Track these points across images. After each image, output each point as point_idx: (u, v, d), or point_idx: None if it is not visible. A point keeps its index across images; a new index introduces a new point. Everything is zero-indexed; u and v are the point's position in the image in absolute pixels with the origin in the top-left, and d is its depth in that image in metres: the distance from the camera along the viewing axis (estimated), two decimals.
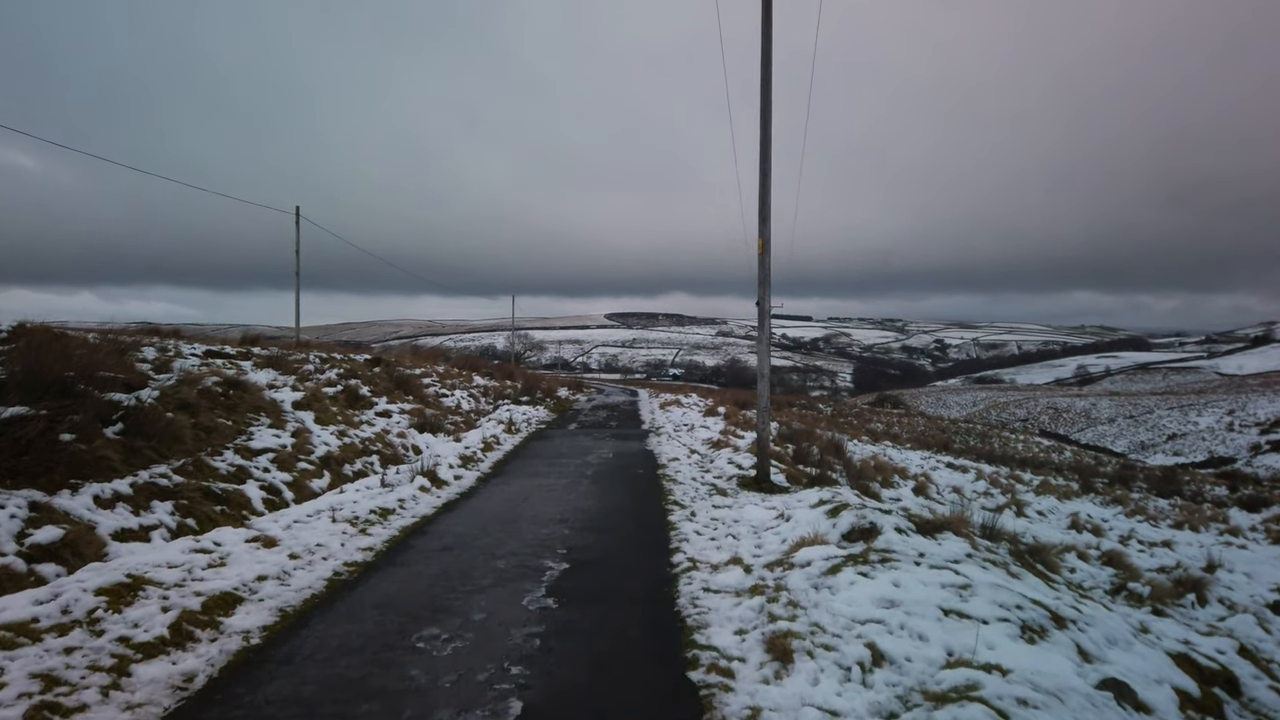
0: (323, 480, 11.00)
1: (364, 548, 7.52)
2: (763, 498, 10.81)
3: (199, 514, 8.13)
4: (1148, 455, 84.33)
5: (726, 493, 11.17)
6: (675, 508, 9.77)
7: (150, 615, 5.04)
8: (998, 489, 22.19)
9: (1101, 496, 27.57)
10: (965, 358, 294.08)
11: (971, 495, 19.67)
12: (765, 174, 11.76)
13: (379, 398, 17.98)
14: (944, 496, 18.08)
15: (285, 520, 8.23)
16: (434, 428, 16.96)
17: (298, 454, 11.32)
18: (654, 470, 13.02)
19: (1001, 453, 50.40)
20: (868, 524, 7.49)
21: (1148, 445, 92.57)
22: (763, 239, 11.79)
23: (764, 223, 11.77)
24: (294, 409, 13.41)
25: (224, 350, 18.13)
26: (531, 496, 10.52)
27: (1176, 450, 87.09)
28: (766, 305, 11.86)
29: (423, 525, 8.72)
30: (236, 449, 10.47)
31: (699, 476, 12.43)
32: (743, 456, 13.97)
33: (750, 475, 12.52)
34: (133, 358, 12.35)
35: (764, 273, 11.83)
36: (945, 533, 7.82)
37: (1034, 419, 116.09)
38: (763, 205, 11.78)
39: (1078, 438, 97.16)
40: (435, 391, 23.21)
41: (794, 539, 7.52)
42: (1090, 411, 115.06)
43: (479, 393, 26.77)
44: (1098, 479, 37.34)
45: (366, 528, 8.30)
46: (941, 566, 6.20)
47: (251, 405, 12.47)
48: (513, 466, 13.32)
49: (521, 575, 6.66)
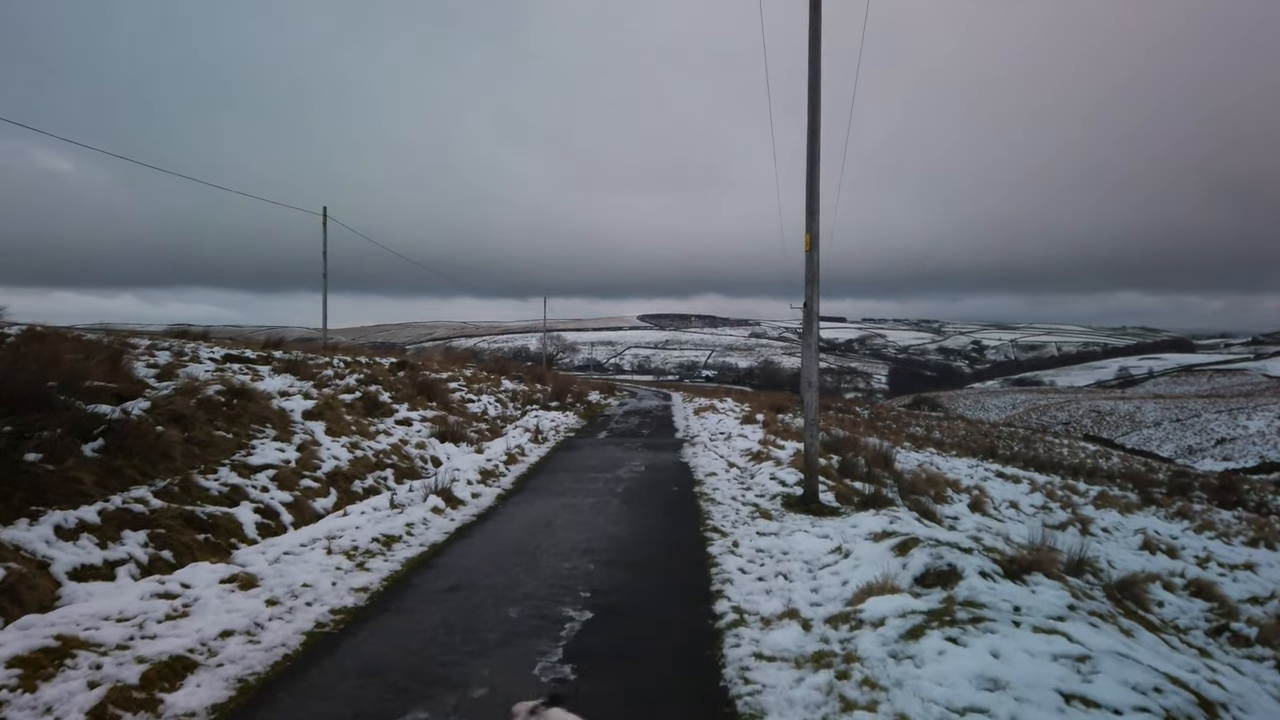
0: (328, 499, 10.06)
1: (358, 588, 6.52)
2: (812, 522, 9.68)
3: (177, 544, 7.19)
4: (1196, 460, 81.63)
5: (771, 515, 10.05)
6: (715, 535, 8.67)
7: (70, 694, 4.07)
8: (1055, 502, 20.76)
9: (1163, 509, 25.96)
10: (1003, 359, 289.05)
11: (1029, 510, 18.33)
12: (813, 163, 10.62)
13: (400, 404, 17.10)
14: (1001, 513, 16.78)
15: (274, 552, 7.27)
16: (456, 437, 16.03)
17: (302, 470, 10.39)
18: (690, 487, 11.93)
19: (1047, 458, 48.53)
20: (945, 566, 6.34)
21: (1195, 450, 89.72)
22: (810, 234, 10.66)
23: (812, 216, 10.64)
24: (304, 419, 12.52)
25: (244, 354, 17.40)
26: (555, 520, 9.49)
27: (1226, 455, 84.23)
28: (815, 307, 10.72)
29: (430, 557, 7.71)
30: (233, 465, 9.56)
31: (739, 495, 11.32)
32: (786, 471, 12.83)
33: (796, 494, 11.39)
34: (129, 365, 11.52)
35: (812, 271, 10.69)
36: (1034, 574, 6.66)
37: (1076, 422, 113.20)
38: (810, 198, 10.65)
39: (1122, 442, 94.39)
40: (461, 397, 22.33)
41: (858, 583, 6.40)
42: (1135, 415, 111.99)
43: (507, 398, 25.86)
44: (1154, 488, 35.55)
45: (365, 561, 7.31)
46: (1047, 629, 5.04)
47: (257, 415, 11.59)
48: (537, 482, 12.31)
49: (536, 630, 5.61)
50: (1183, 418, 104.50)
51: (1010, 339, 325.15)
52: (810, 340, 10.81)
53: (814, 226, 10.64)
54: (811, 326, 10.76)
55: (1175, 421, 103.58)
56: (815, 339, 10.80)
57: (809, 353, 10.84)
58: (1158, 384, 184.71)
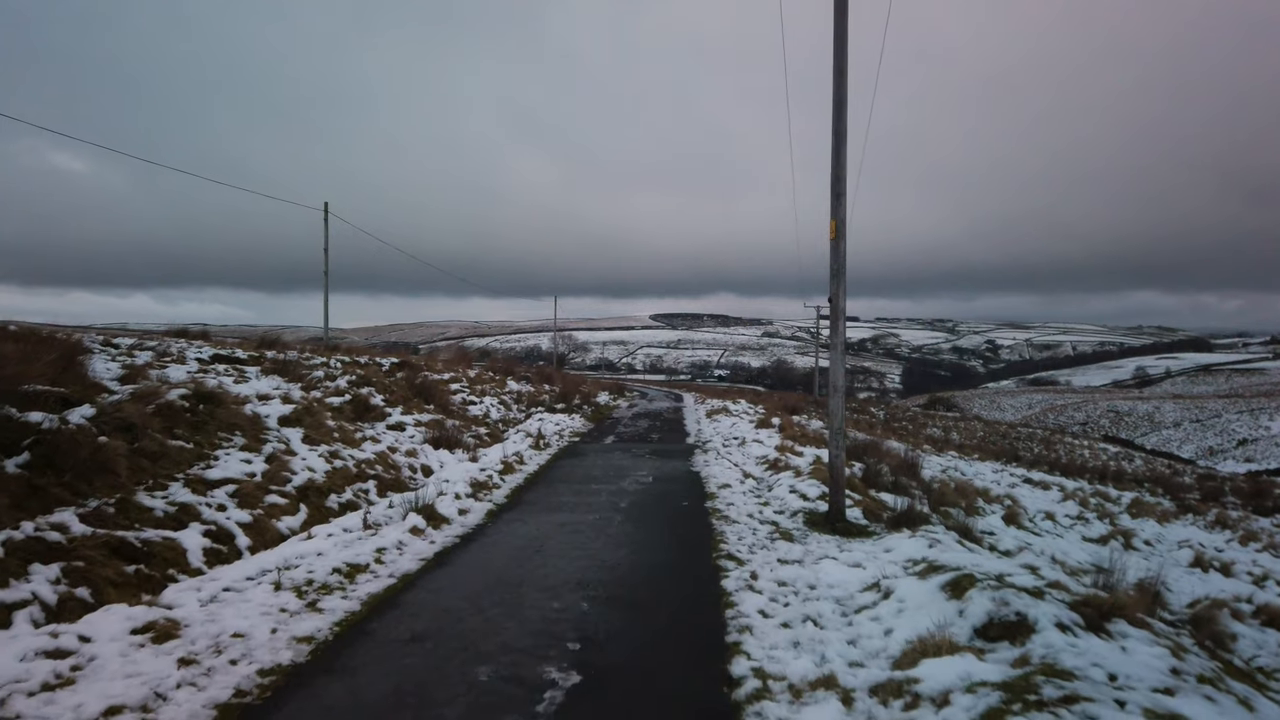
0: (295, 518, 8.97)
1: (302, 637, 5.42)
2: (840, 545, 8.53)
3: (99, 580, 6.11)
4: (1217, 462, 79.90)
5: (793, 537, 8.91)
6: (730, 563, 7.53)
7: None
8: (1090, 511, 19.53)
9: (1199, 517, 24.64)
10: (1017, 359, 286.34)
11: (1065, 522, 17.12)
12: (839, 140, 9.46)
13: (393, 408, 16.05)
14: (1037, 525, 15.57)
15: (212, 588, 6.18)
16: (451, 443, 14.95)
17: (269, 484, 9.32)
18: (701, 501, 10.80)
19: (1069, 461, 47.14)
20: (1013, 615, 5.18)
21: (1216, 451, 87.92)
22: (835, 221, 9.50)
23: (837, 200, 9.48)
24: (280, 425, 11.46)
25: (234, 355, 16.42)
26: (548, 543, 8.37)
27: (1248, 456, 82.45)
28: (841, 302, 9.55)
29: (398, 592, 6.60)
30: (188, 480, 8.49)
31: (756, 512, 10.18)
32: (806, 483, 11.68)
33: (820, 510, 10.24)
34: (85, 366, 10.48)
35: (837, 263, 9.53)
36: (1116, 620, 5.50)
37: (1094, 423, 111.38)
38: (836, 180, 9.49)
39: (1142, 443, 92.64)
40: (462, 399, 21.27)
41: (906, 634, 5.26)
42: (1154, 415, 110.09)
43: (511, 399, 24.79)
44: (1185, 494, 34.17)
45: (319, 599, 6.21)
46: (1163, 713, 3.90)
47: (225, 422, 10.53)
48: (533, 495, 11.20)
49: (507, 702, 4.48)
50: (1203, 418, 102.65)
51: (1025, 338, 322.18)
52: (836, 340, 9.64)
53: (840, 212, 9.49)
54: (838, 324, 9.59)
55: (1195, 422, 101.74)
56: (842, 339, 9.63)
57: (835, 354, 9.67)
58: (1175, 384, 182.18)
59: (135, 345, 15.31)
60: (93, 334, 16.88)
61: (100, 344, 14.32)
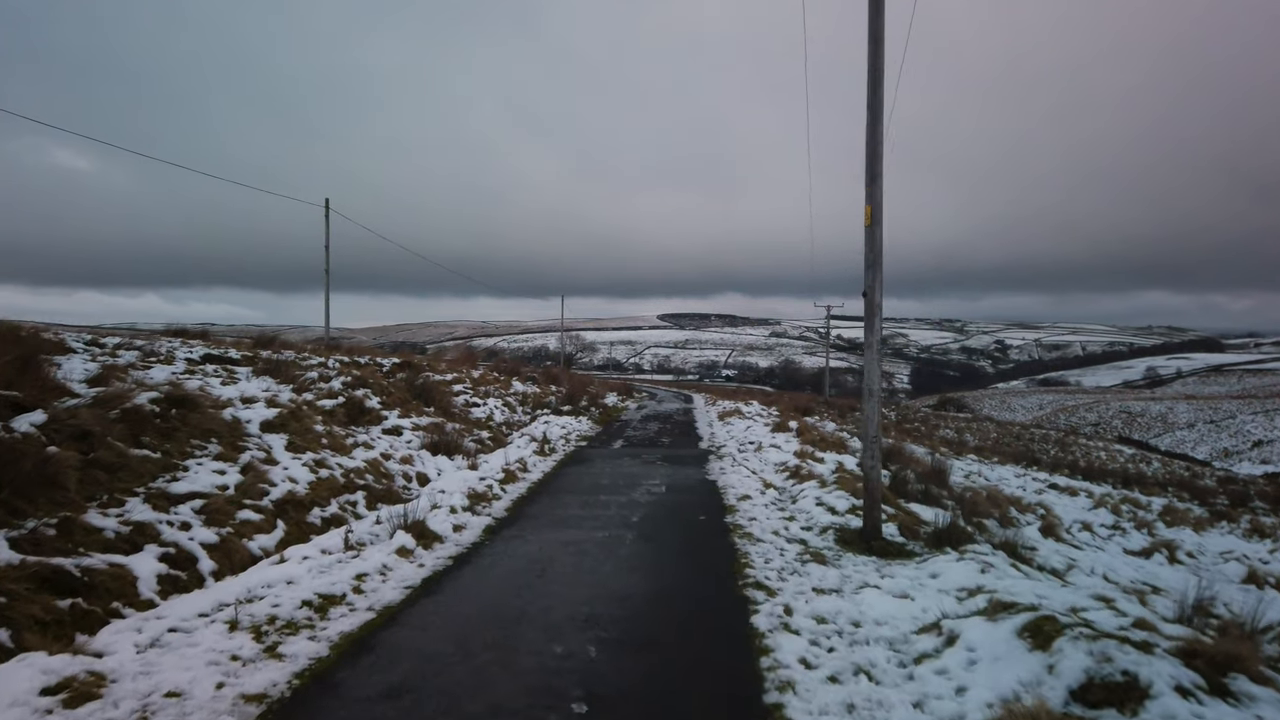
0: (270, 536, 8.05)
1: (253, 694, 4.50)
2: (879, 568, 7.58)
3: (23, 618, 5.19)
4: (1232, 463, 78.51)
5: (825, 558, 7.96)
6: (759, 593, 6.59)
7: None
8: (1124, 518, 18.51)
9: (1232, 524, 23.57)
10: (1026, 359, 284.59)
11: (1103, 532, 16.11)
12: (875, 116, 8.50)
13: (389, 410, 15.14)
14: (1075, 536, 14.59)
15: (156, 629, 5.27)
16: (450, 449, 14.03)
17: (243, 498, 8.40)
18: (720, 515, 9.85)
19: (1087, 464, 46.00)
20: (1118, 675, 4.23)
21: (1231, 452, 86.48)
22: (870, 206, 8.54)
23: (872, 183, 8.52)
24: (262, 431, 10.56)
25: (227, 354, 15.58)
26: (551, 566, 7.44)
27: (1264, 458, 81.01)
28: (877, 297, 8.59)
29: (376, 629, 5.67)
30: (149, 495, 7.58)
31: (782, 528, 9.22)
32: (834, 495, 10.72)
33: (851, 526, 9.29)
34: (45, 368, 9.58)
35: (873, 252, 8.57)
36: (1236, 676, 4.54)
37: (1106, 424, 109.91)
38: (871, 160, 8.53)
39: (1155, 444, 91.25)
40: (465, 401, 20.35)
41: (983, 693, 4.31)
42: (1167, 416, 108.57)
43: (516, 401, 23.86)
44: (1211, 498, 33.06)
45: (282, 641, 5.28)
46: None
47: (200, 429, 9.62)
48: (536, 508, 10.26)
49: None
50: (1217, 419, 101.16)
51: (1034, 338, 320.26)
52: (872, 339, 8.67)
53: (875, 196, 8.53)
54: (874, 321, 8.62)
55: (1209, 423, 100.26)
56: (878, 337, 8.66)
57: (870, 354, 8.70)
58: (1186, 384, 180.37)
59: (121, 345, 14.48)
60: (82, 333, 16.08)
61: (85, 343, 13.50)
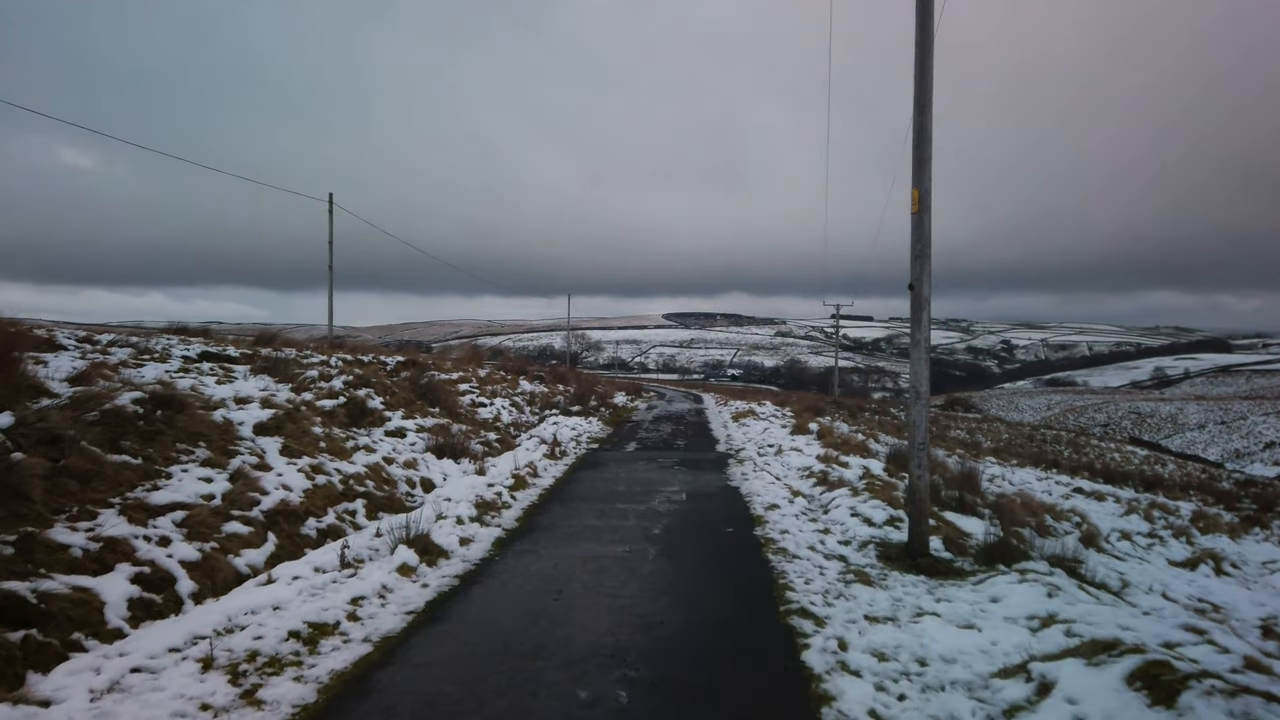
0: (259, 551, 7.32)
1: None
2: (931, 590, 6.84)
3: None
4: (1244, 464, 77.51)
5: (870, 578, 7.21)
6: (805, 621, 5.84)
7: None
8: (1157, 525, 17.72)
9: (1265, 530, 22.75)
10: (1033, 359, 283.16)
11: (1142, 541, 15.32)
12: (923, 89, 7.75)
13: (393, 411, 14.43)
14: (1116, 547, 13.81)
15: (117, 669, 4.55)
16: (457, 451, 13.31)
17: (231, 508, 7.68)
18: (749, 527, 9.10)
19: (1104, 466, 45.15)
20: None
21: (1243, 454, 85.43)
22: (918, 190, 7.79)
23: (920, 166, 7.77)
24: (255, 434, 9.83)
25: (225, 352, 14.89)
26: (569, 587, 6.70)
27: (1277, 459, 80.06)
28: (925, 290, 7.84)
29: (371, 668, 4.94)
30: (126, 507, 6.86)
31: (817, 542, 8.47)
32: (869, 505, 9.96)
33: (891, 539, 8.55)
34: (21, 365, 8.86)
35: (921, 242, 7.82)
36: None
37: (1115, 424, 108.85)
38: (918, 140, 7.78)
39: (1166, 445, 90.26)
40: (471, 401, 19.62)
41: None
42: (1177, 417, 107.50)
43: (524, 401, 23.12)
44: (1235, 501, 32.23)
45: (262, 684, 4.55)
46: None
47: (188, 431, 8.90)
48: (549, 518, 9.53)
49: None
50: (1228, 420, 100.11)
51: (1040, 338, 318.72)
52: (919, 336, 7.91)
53: (924, 180, 7.78)
54: (921, 316, 7.87)
55: (1220, 424, 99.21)
56: (926, 334, 7.91)
57: (918, 352, 7.94)
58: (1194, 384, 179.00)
59: (116, 341, 13.80)
60: (84, 330, 15.43)
61: (77, 340, 12.84)
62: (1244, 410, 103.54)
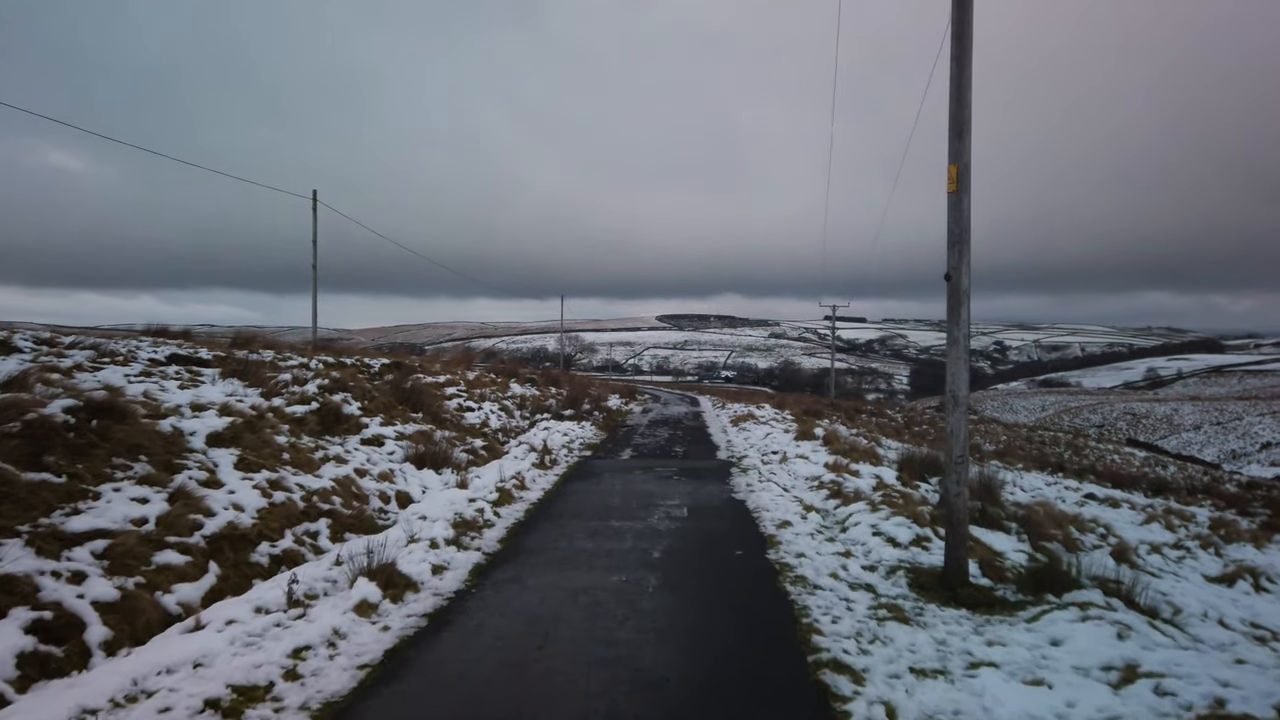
0: (197, 585, 6.29)
1: None
2: (979, 629, 5.86)
3: None
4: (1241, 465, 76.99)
5: (906, 614, 6.22)
6: (839, 676, 4.84)
7: None
8: (1189, 538, 16.80)
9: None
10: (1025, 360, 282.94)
11: (1171, 555, 14.40)
12: (962, 46, 6.77)
13: (371, 417, 13.41)
14: (1147, 561, 12.88)
15: None
16: (439, 461, 12.30)
17: (167, 533, 6.65)
18: (760, 549, 8.10)
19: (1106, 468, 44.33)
20: None
21: (1240, 454, 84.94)
22: (956, 167, 6.81)
23: (959, 137, 6.79)
24: (209, 445, 8.80)
25: (196, 355, 13.88)
26: (556, 629, 5.69)
27: (1274, 460, 79.55)
28: (964, 281, 6.85)
29: None
30: (35, 536, 5.83)
31: (839, 568, 7.47)
32: (891, 522, 8.97)
33: (922, 563, 7.57)
34: None
35: (959, 226, 6.83)
36: None
37: (1110, 425, 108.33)
38: (956, 109, 6.80)
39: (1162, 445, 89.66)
40: (458, 406, 18.58)
41: None
42: (1172, 417, 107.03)
43: (514, 405, 22.08)
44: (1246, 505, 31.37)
45: None
46: None
47: (127, 444, 7.86)
48: (536, 539, 8.51)
49: None
50: (1224, 421, 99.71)
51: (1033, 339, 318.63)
52: (958, 333, 6.91)
53: (963, 154, 6.79)
54: (959, 311, 6.87)
55: (1216, 425, 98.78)
56: (965, 331, 6.92)
57: (956, 350, 6.94)
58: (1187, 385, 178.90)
59: (77, 343, 12.78)
60: (66, 334, 14.39)
61: (35, 342, 11.85)
62: (1239, 411, 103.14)
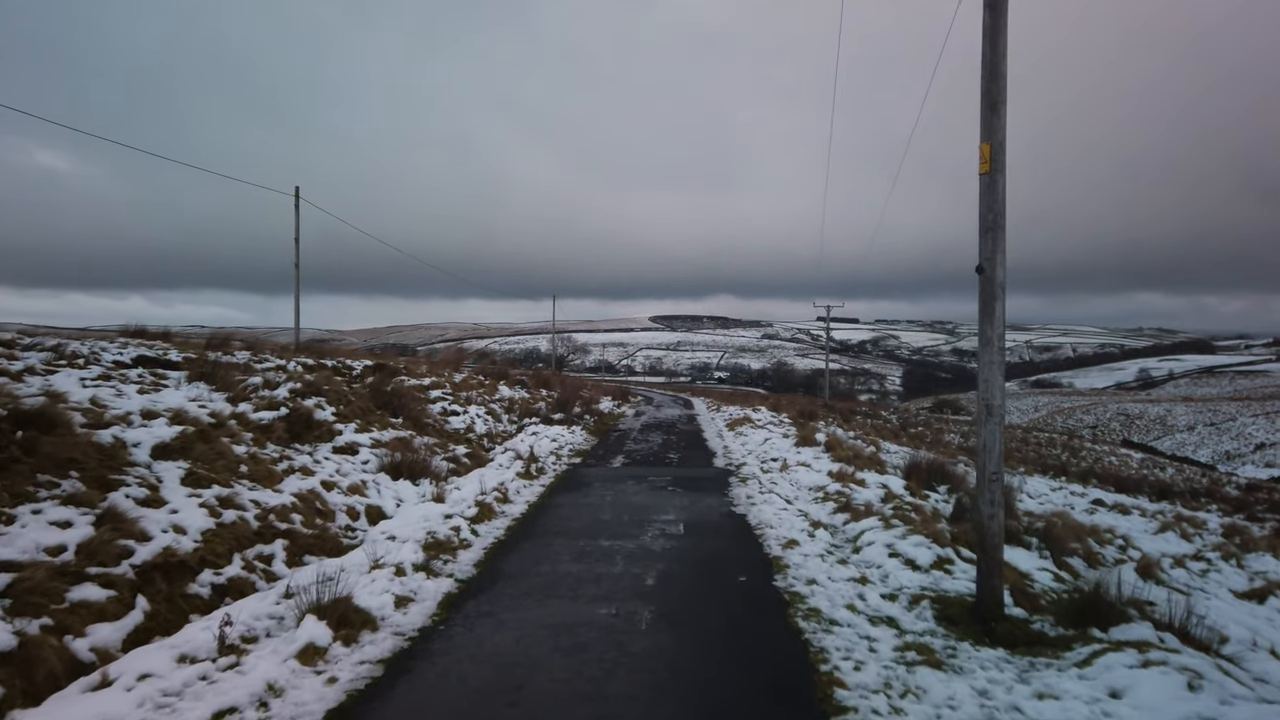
0: (119, 625, 5.42)
1: None
2: (1023, 675, 5.05)
3: None
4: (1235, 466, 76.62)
5: (937, 656, 5.39)
6: None
7: None
8: (1209, 548, 16.07)
9: None
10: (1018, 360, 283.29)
11: (1195, 568, 13.64)
12: (996, 13, 5.96)
13: (346, 423, 12.54)
14: (1172, 576, 12.12)
15: None
16: (416, 471, 11.44)
17: (88, 563, 5.78)
18: (766, 574, 7.26)
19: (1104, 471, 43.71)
20: None
21: (1234, 455, 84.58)
22: (990, 145, 5.99)
23: (993, 110, 5.97)
24: (154, 457, 7.93)
25: (166, 356, 12.99)
26: (533, 677, 4.84)
27: (1268, 461, 79.20)
28: (999, 274, 6.04)
29: None
30: None
31: (856, 598, 6.64)
32: (908, 542, 8.14)
33: (946, 590, 6.76)
34: None
35: (993, 211, 6.02)
36: None
37: (1104, 426, 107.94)
38: (990, 81, 5.99)
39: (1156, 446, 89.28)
40: (442, 410, 17.70)
41: None
42: (1165, 418, 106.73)
43: (501, 409, 21.20)
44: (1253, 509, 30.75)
45: None
46: None
47: (58, 458, 6.99)
48: (515, 562, 7.66)
49: None
50: (1217, 421, 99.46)
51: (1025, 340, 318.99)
52: (992, 332, 6.09)
53: (998, 131, 5.97)
54: (994, 307, 6.06)
55: (1209, 425, 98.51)
56: (1001, 330, 6.10)
57: (990, 351, 6.12)
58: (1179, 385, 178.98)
59: (33, 345, 11.90)
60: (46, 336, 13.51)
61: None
62: (1233, 411, 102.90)
